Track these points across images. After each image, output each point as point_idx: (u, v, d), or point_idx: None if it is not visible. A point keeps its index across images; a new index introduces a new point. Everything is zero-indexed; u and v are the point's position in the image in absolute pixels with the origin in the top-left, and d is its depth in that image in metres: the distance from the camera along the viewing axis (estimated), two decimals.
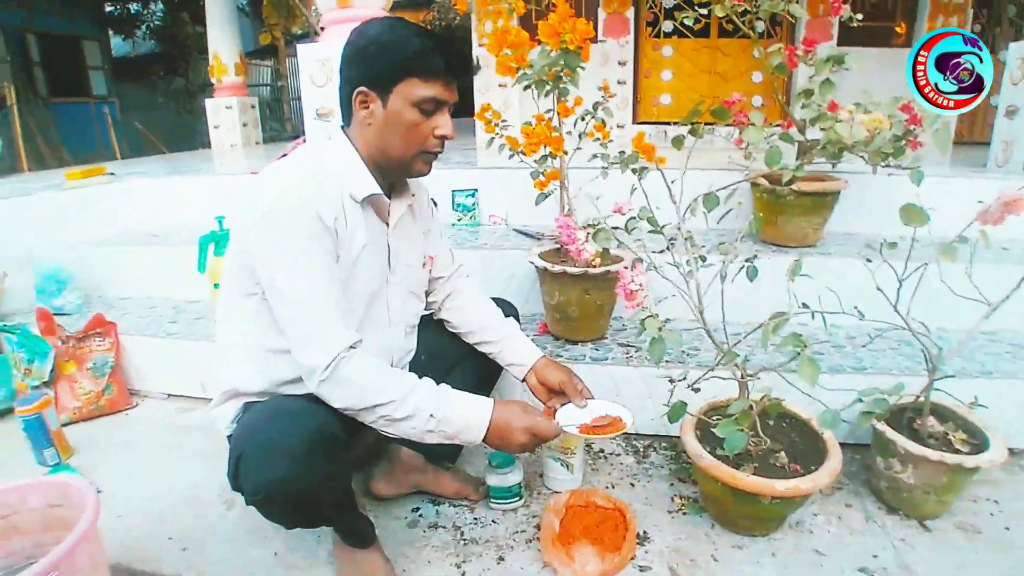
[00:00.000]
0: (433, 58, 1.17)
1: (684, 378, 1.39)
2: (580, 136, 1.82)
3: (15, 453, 1.86)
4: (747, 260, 1.43)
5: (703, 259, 1.42)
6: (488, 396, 1.65)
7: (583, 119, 1.78)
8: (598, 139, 1.82)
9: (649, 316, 1.19)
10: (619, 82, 4.10)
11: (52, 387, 2.07)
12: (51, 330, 2.12)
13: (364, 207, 1.24)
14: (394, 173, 1.28)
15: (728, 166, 2.23)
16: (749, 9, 2.02)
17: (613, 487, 1.67)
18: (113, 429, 2.04)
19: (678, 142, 1.45)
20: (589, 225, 1.44)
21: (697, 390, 1.39)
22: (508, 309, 1.64)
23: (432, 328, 1.57)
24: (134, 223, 3.02)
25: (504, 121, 1.84)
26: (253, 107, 5.38)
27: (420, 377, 1.21)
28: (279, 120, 9.79)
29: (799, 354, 1.22)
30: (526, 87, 1.78)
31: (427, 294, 1.54)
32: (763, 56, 2.05)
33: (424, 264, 1.47)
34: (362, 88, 1.18)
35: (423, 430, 1.17)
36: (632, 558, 1.38)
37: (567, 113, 1.73)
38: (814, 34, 3.82)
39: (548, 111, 1.80)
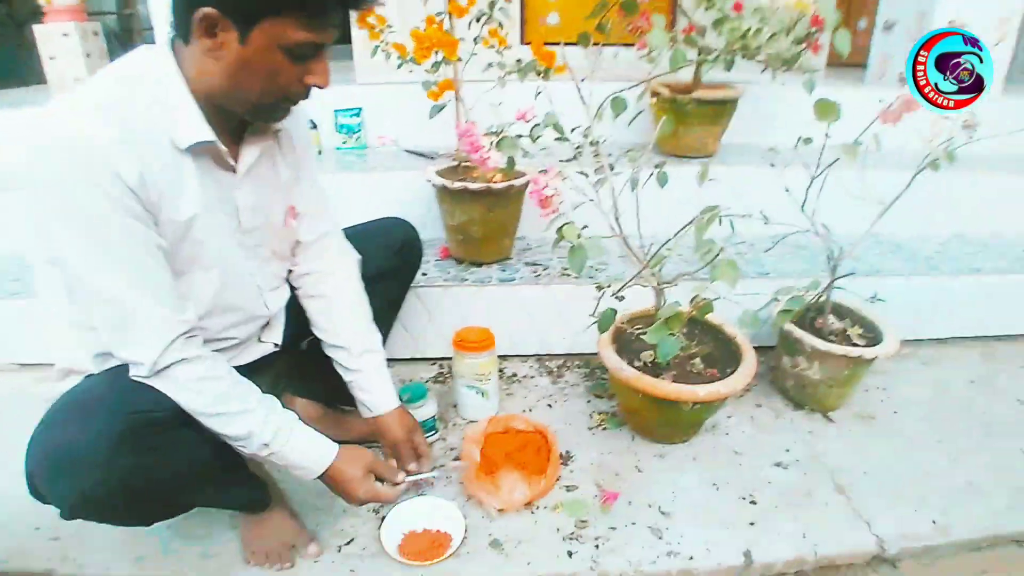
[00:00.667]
0: None
1: (610, 285, 1.32)
2: (475, 40, 1.66)
3: None
4: (656, 166, 1.38)
5: (611, 167, 1.34)
6: (393, 320, 1.55)
7: (478, 20, 1.62)
8: (493, 46, 1.68)
9: (567, 224, 1.11)
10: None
11: None
12: None
13: (196, 156, 0.95)
14: (240, 114, 0.99)
15: (629, 78, 2.16)
16: None
17: (530, 410, 1.62)
18: None
19: (584, 40, 1.35)
20: (492, 133, 1.32)
21: (621, 298, 1.34)
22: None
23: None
24: None
25: (389, 27, 1.65)
26: (96, 34, 4.69)
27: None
28: (128, 52, 8.74)
29: (716, 256, 1.19)
30: None
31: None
32: None
33: (286, 220, 1.18)
34: (209, 10, 0.84)
35: (252, 452, 1.01)
36: (558, 479, 1.35)
37: (461, 13, 1.57)
38: None
39: (439, 15, 1.63)
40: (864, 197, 1.44)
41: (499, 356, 1.83)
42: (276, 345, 1.26)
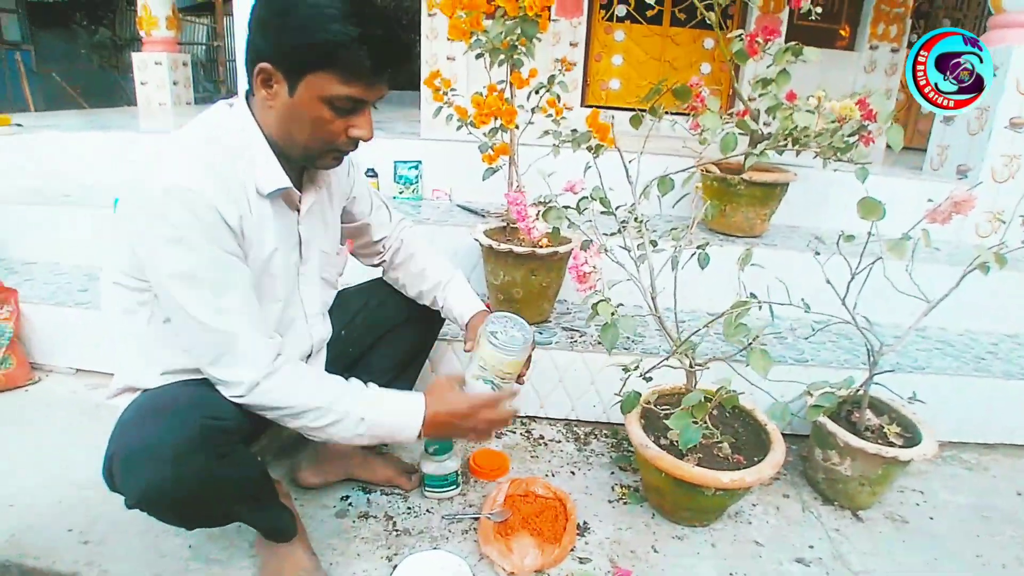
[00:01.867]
0: (358, 52, 0.94)
1: (637, 367, 1.34)
2: (532, 111, 1.74)
3: None
4: (698, 247, 1.40)
5: (654, 244, 1.37)
6: (420, 366, 1.60)
7: (537, 92, 1.70)
8: (550, 115, 1.75)
9: (602, 300, 1.13)
10: (556, 60, 4.03)
11: None
12: None
13: (272, 198, 1.07)
14: (300, 161, 1.10)
15: (681, 152, 2.20)
16: None
17: (553, 475, 1.62)
18: (9, 406, 1.85)
19: (636, 120, 1.39)
20: (539, 202, 1.37)
21: (649, 379, 1.35)
22: None
23: (353, 301, 1.47)
24: (44, 181, 2.75)
25: (454, 90, 1.75)
26: (185, 64, 5.04)
27: (346, 368, 1.11)
28: (213, 81, 9.27)
29: (750, 345, 1.20)
30: (478, 55, 1.69)
31: (375, 255, 1.44)
32: (721, 43, 2.02)
33: (339, 252, 1.33)
34: (265, 64, 0.96)
35: (352, 434, 1.07)
36: (572, 549, 1.34)
37: (521, 84, 1.65)
38: (764, 29, 3.86)
39: (500, 83, 1.71)
40: (910, 292, 1.42)
41: (527, 416, 1.86)
42: None
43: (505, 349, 1.16)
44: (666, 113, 1.44)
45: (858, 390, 1.55)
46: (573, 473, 1.64)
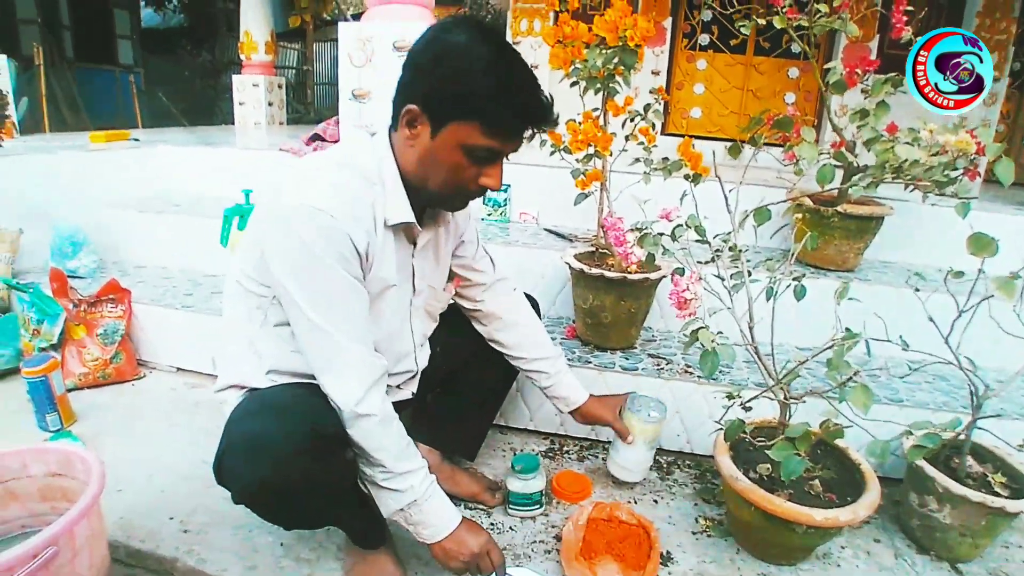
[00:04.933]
0: (507, 108, 0.99)
1: (740, 395, 1.32)
2: (626, 138, 1.76)
3: (17, 415, 1.81)
4: (795, 278, 1.38)
5: (750, 273, 1.36)
6: (505, 394, 1.65)
7: (632, 120, 1.72)
8: (641, 143, 1.77)
9: (701, 327, 1.14)
10: (652, 92, 4.06)
11: (59, 351, 2.02)
12: (64, 292, 2.07)
13: (395, 229, 1.14)
14: (427, 201, 1.16)
15: (773, 183, 2.18)
16: (804, 25, 1.96)
17: (636, 502, 1.61)
18: (118, 399, 1.99)
19: (735, 150, 1.40)
20: (635, 229, 1.39)
21: (749, 408, 1.33)
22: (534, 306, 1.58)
23: (448, 320, 1.49)
24: (156, 191, 2.97)
25: None
26: (280, 87, 5.34)
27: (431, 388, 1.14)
28: (303, 103, 9.76)
29: (849, 379, 1.17)
30: (573, 83, 1.73)
31: (472, 300, 1.47)
32: (816, 72, 1.99)
33: (446, 289, 1.38)
34: (413, 107, 1.02)
35: (394, 507, 1.12)
36: None
37: (618, 112, 1.68)
38: (853, 58, 3.77)
39: (595, 110, 1.75)
40: (1017, 334, 1.36)
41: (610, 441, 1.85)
42: (412, 394, 1.39)
43: (656, 421, 1.50)
44: (762, 144, 1.44)
45: (959, 434, 1.48)
46: (656, 502, 1.62)
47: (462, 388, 1.45)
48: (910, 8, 1.73)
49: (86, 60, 8.51)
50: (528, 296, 1.59)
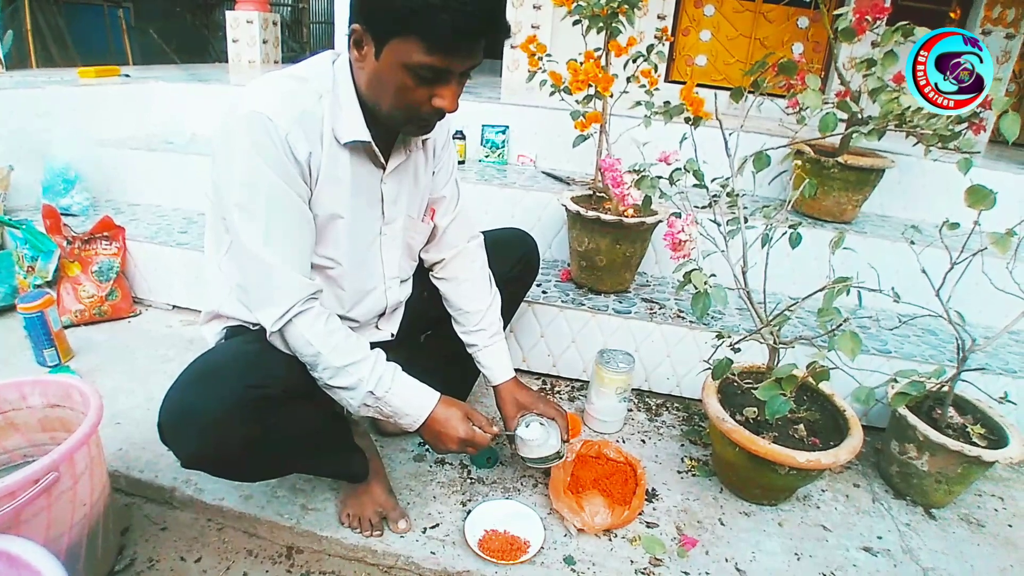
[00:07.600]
0: (439, 17, 0.88)
1: (729, 336, 1.34)
2: (628, 80, 1.73)
3: (14, 351, 1.83)
4: (790, 226, 1.38)
5: (746, 219, 1.36)
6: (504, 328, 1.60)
7: (634, 61, 1.69)
8: (643, 86, 1.74)
9: (695, 269, 1.14)
10: (656, 36, 3.95)
11: (55, 287, 2.02)
12: (57, 229, 2.05)
13: (353, 151, 1.08)
14: (386, 124, 1.08)
15: (774, 131, 2.15)
16: None
17: (624, 441, 1.65)
18: (114, 335, 2.00)
19: (738, 96, 1.38)
20: (633, 170, 1.37)
21: (738, 350, 1.35)
22: (516, 261, 1.52)
23: None
24: (149, 128, 2.91)
25: (549, 56, 1.75)
26: (275, 24, 5.17)
27: (421, 331, 1.11)
28: (298, 42, 9.48)
29: (839, 327, 1.18)
30: (576, 22, 1.69)
31: (429, 239, 1.39)
32: (825, 20, 1.95)
33: (423, 219, 1.31)
34: (357, 26, 0.96)
35: (359, 403, 1.10)
36: (640, 513, 1.37)
37: (620, 52, 1.64)
38: (865, 7, 3.67)
39: (596, 50, 1.71)
40: (1009, 290, 1.37)
41: None
42: (392, 335, 1.37)
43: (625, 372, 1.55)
44: (765, 92, 1.41)
45: (943, 385, 1.51)
46: (643, 441, 1.66)
47: (452, 330, 1.44)
48: None
49: None
50: (525, 233, 1.56)
